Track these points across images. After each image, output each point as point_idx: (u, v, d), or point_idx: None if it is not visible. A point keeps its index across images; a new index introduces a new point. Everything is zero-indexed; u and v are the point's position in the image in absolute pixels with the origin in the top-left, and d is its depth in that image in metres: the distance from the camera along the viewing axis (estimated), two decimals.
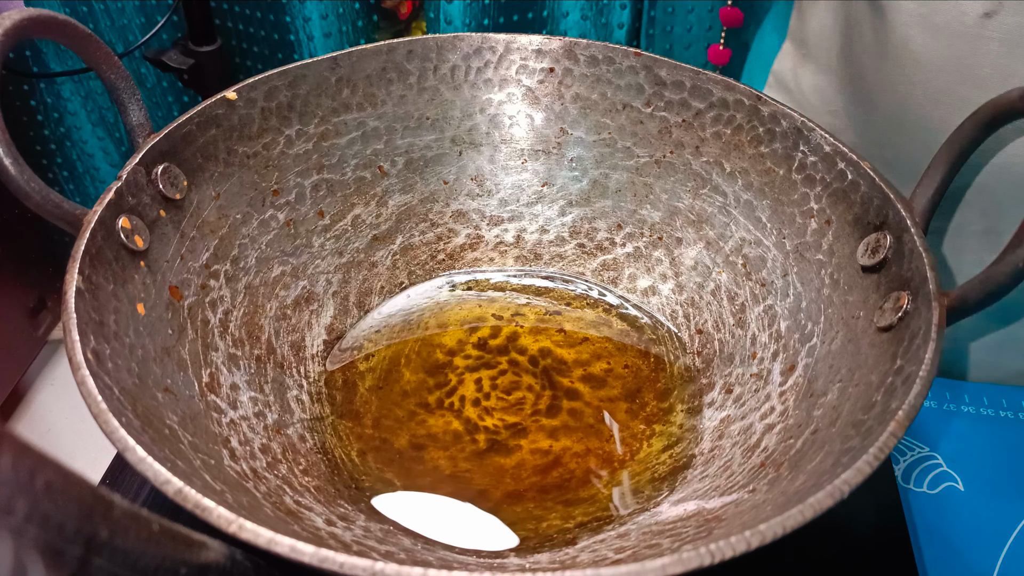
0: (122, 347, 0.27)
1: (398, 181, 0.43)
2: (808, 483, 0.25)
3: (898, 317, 0.28)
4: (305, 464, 0.32)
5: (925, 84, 0.36)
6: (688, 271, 0.41)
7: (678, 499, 0.31)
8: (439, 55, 0.42)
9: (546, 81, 0.43)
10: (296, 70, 0.38)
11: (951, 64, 0.35)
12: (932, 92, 0.36)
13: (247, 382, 0.34)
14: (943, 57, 0.35)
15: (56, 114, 0.79)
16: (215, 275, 0.35)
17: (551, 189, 0.44)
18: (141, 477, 0.22)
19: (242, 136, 0.37)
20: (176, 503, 0.21)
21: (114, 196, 0.30)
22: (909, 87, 0.37)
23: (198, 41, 0.64)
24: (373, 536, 0.29)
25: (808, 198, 0.36)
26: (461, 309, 0.41)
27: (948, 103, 0.36)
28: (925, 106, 0.37)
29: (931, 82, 0.36)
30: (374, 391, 0.37)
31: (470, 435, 0.35)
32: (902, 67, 0.37)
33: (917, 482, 0.39)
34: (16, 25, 0.27)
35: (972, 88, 0.35)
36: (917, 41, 0.36)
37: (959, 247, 0.39)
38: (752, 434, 0.32)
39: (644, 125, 0.41)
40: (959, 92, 0.35)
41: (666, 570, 0.19)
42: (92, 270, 0.28)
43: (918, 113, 0.37)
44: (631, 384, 0.38)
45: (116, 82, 0.32)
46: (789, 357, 0.34)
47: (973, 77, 0.35)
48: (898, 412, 0.23)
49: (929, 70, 0.36)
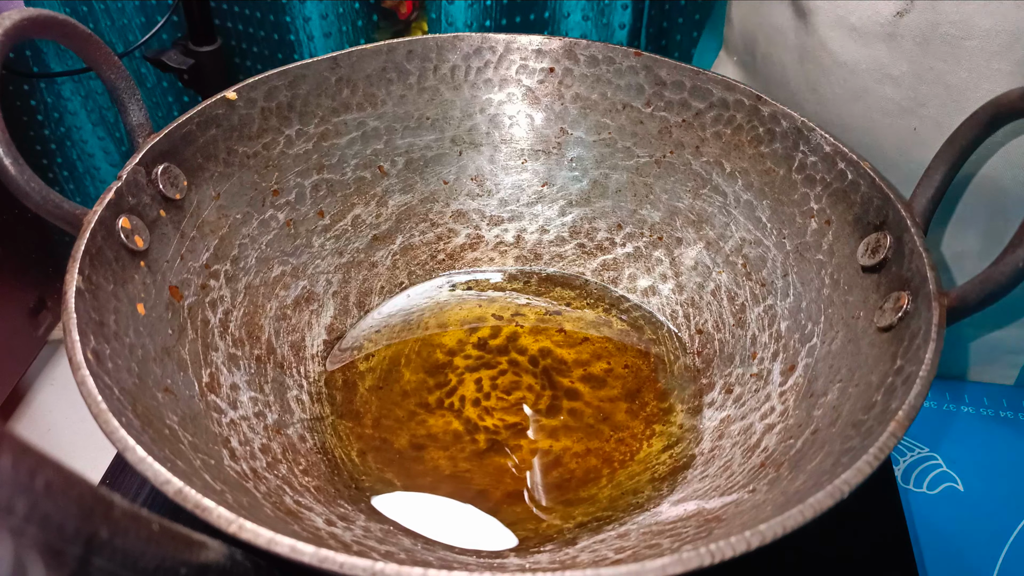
0: (122, 347, 0.27)
1: (398, 181, 0.43)
2: (808, 483, 0.25)
3: (898, 317, 0.28)
4: (305, 464, 0.32)
5: (844, 83, 0.37)
6: (688, 271, 0.41)
7: (678, 499, 0.31)
8: (439, 55, 0.42)
9: (546, 81, 0.43)
10: (296, 70, 0.38)
11: (868, 63, 0.36)
12: (852, 91, 0.37)
13: (247, 382, 0.34)
14: (860, 57, 0.36)
15: (56, 114, 0.79)
16: (215, 275, 0.35)
17: (551, 189, 0.44)
18: (141, 477, 0.22)
19: (242, 136, 0.37)
20: (176, 503, 0.21)
21: (114, 196, 0.30)
22: (829, 87, 0.37)
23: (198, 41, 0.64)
24: (373, 536, 0.29)
25: (808, 198, 0.36)
26: (461, 309, 0.41)
27: (867, 101, 0.36)
28: (847, 104, 0.37)
29: (850, 81, 0.37)
30: (374, 391, 0.37)
31: (470, 435, 0.35)
32: (822, 68, 0.37)
33: (917, 482, 0.39)
34: (16, 25, 0.27)
35: (889, 86, 0.35)
36: (836, 42, 0.36)
37: (959, 247, 0.39)
38: (752, 434, 0.32)
39: (644, 125, 0.41)
40: (877, 90, 0.36)
41: (666, 570, 0.19)
42: (92, 270, 0.28)
43: (839, 113, 0.38)
44: (631, 384, 0.38)
45: (116, 82, 0.32)
46: (789, 357, 0.34)
47: (889, 76, 0.35)
48: (898, 412, 0.23)
49: (847, 69, 0.36)
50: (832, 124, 0.38)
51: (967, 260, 0.39)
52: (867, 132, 0.37)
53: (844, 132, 0.38)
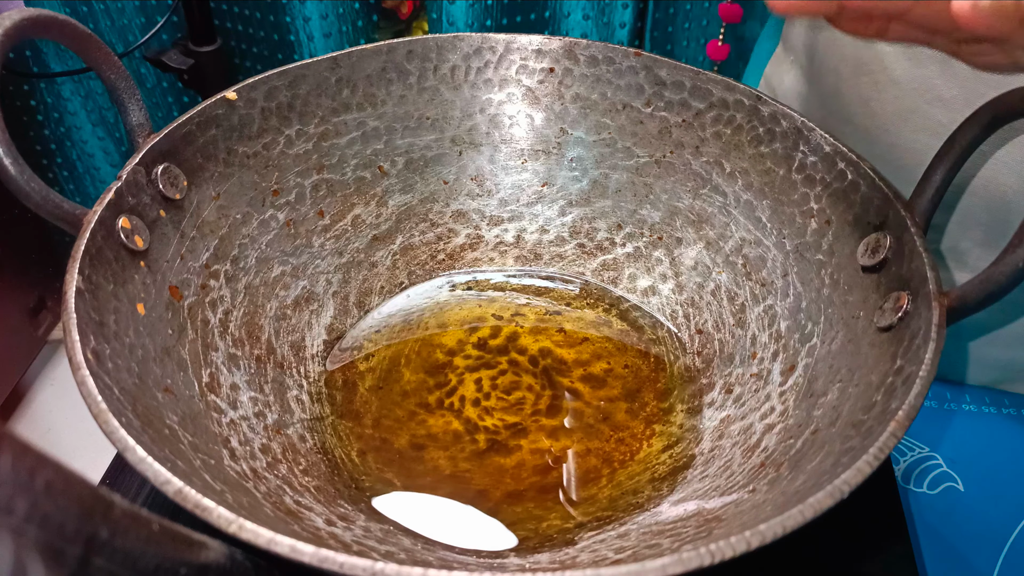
0: (122, 347, 0.27)
1: (398, 181, 0.43)
2: (808, 483, 0.25)
3: (898, 317, 0.28)
4: (305, 464, 0.32)
5: (896, 102, 0.37)
6: (688, 271, 0.41)
7: (678, 499, 0.31)
8: (439, 55, 0.42)
9: (546, 81, 0.43)
10: (296, 70, 0.38)
11: (920, 83, 0.36)
12: (901, 110, 0.37)
13: (247, 382, 0.34)
14: (913, 76, 0.36)
15: (56, 114, 0.79)
16: (215, 275, 0.35)
17: (551, 189, 0.44)
18: (141, 477, 0.22)
19: (242, 136, 0.37)
20: (176, 503, 0.21)
21: (114, 196, 0.30)
22: (880, 104, 0.37)
23: (198, 41, 0.64)
24: (373, 536, 0.29)
25: (808, 198, 0.36)
26: (461, 309, 0.41)
27: (915, 122, 0.36)
28: (896, 122, 0.37)
29: (901, 100, 0.36)
30: (374, 391, 0.37)
31: (470, 435, 0.35)
32: (876, 83, 0.37)
33: (917, 482, 0.39)
34: (16, 25, 0.27)
35: (939, 108, 0.35)
36: (891, 58, 0.36)
37: (959, 247, 0.39)
38: (752, 434, 0.32)
39: (644, 125, 0.41)
40: (927, 112, 0.36)
41: (666, 570, 0.19)
42: (92, 270, 0.28)
43: (887, 129, 0.38)
44: (631, 384, 0.38)
45: (116, 82, 0.32)
46: (789, 357, 0.34)
47: (940, 98, 0.35)
48: (898, 412, 0.23)
49: (900, 88, 0.36)
50: (880, 141, 0.38)
51: (967, 260, 0.39)
52: (914, 152, 0.37)
53: (891, 149, 0.37)
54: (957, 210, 0.38)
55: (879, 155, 0.38)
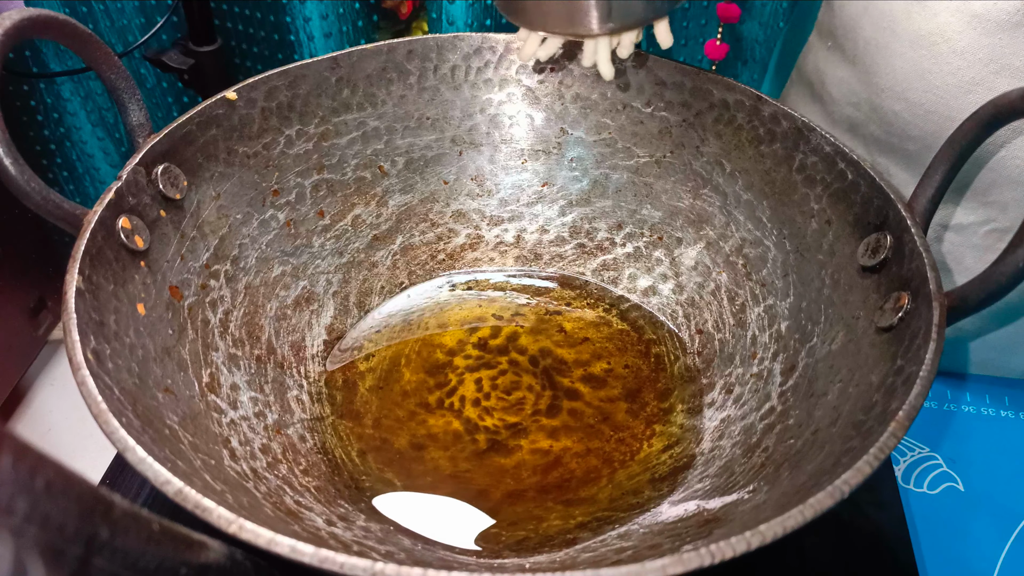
0: (122, 347, 0.27)
1: (398, 181, 0.43)
2: (808, 483, 0.25)
3: (898, 317, 0.28)
4: (305, 464, 0.32)
5: (959, 73, 0.36)
6: (688, 271, 0.41)
7: (678, 499, 0.31)
8: (439, 55, 0.42)
9: (546, 81, 0.43)
10: (296, 70, 0.38)
11: (987, 53, 0.35)
12: (965, 82, 0.36)
13: (247, 382, 0.34)
14: (980, 46, 0.35)
15: (56, 114, 0.79)
16: (215, 275, 0.35)
17: (551, 189, 0.44)
18: (141, 477, 0.22)
19: (242, 136, 0.37)
20: (176, 503, 0.21)
21: (114, 196, 0.30)
22: (942, 76, 0.37)
23: (198, 41, 0.64)
24: (373, 536, 0.29)
25: (808, 198, 0.36)
26: (461, 309, 0.41)
27: (979, 93, 0.36)
28: (957, 96, 0.37)
29: (965, 71, 0.36)
30: (374, 391, 0.37)
31: (470, 435, 0.35)
32: (936, 55, 0.37)
33: (917, 482, 0.39)
34: (16, 25, 0.27)
35: (1006, 78, 0.35)
36: (955, 28, 0.36)
37: (959, 247, 0.39)
38: (752, 434, 0.32)
39: (644, 125, 0.41)
40: (992, 82, 0.35)
41: (666, 570, 0.19)
42: (92, 270, 0.28)
43: (948, 104, 0.37)
44: (631, 384, 0.38)
45: (116, 82, 0.32)
46: (789, 357, 0.34)
47: (1008, 67, 0.35)
48: (898, 412, 0.23)
49: (964, 59, 0.36)
50: (939, 114, 0.38)
51: (967, 260, 0.39)
52: None
53: (950, 122, 0.37)
54: (957, 210, 0.38)
55: (934, 131, 0.37)
